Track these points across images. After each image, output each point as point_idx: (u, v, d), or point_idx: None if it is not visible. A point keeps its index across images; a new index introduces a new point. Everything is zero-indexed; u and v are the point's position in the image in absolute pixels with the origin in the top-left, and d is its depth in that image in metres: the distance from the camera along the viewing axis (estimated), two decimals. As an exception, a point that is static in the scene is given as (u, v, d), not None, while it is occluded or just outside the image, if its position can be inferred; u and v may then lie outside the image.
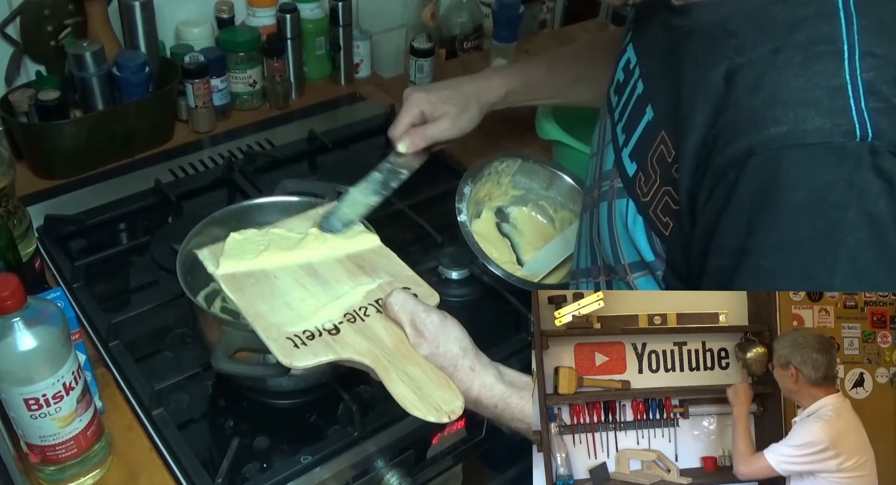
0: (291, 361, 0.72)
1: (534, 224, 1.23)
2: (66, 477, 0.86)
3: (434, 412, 0.69)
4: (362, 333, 0.75)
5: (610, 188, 0.80)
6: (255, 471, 0.88)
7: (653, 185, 0.72)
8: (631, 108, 0.79)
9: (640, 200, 0.74)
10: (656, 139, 0.72)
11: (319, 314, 0.77)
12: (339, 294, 0.80)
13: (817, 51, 0.59)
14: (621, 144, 0.79)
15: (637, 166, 0.75)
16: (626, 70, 0.83)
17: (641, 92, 0.77)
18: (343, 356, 0.73)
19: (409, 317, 0.74)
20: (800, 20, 0.61)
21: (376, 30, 1.59)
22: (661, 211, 0.71)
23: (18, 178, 1.04)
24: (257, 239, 0.86)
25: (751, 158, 0.59)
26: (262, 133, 1.40)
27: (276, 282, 0.82)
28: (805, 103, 0.58)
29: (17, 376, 0.76)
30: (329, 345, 0.74)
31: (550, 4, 1.88)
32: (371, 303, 0.79)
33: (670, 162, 0.69)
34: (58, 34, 1.27)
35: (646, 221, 0.74)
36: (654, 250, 0.73)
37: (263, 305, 0.78)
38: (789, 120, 0.57)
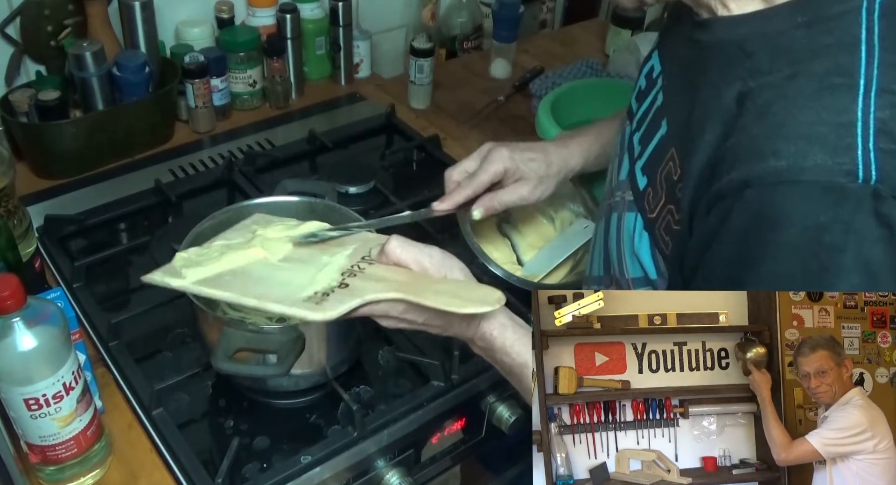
0: (325, 314, 0.69)
1: (534, 224, 1.23)
2: (66, 477, 0.86)
3: (482, 305, 0.70)
4: (370, 279, 0.75)
5: (621, 200, 0.79)
6: (255, 471, 0.88)
7: (659, 201, 0.71)
8: (649, 119, 0.77)
9: (647, 215, 0.73)
10: (666, 155, 0.71)
11: (318, 280, 0.76)
12: (323, 264, 0.79)
13: (832, 83, 0.57)
14: (636, 156, 0.78)
15: (647, 181, 0.74)
16: (648, 78, 0.81)
17: (660, 104, 0.76)
18: (367, 298, 0.71)
19: (413, 255, 0.75)
20: (820, 48, 0.59)
21: (376, 30, 1.59)
22: (664, 229, 0.70)
23: (18, 178, 1.04)
24: (205, 252, 0.82)
25: (746, 190, 0.57)
26: (262, 133, 1.40)
27: (254, 272, 0.78)
28: (809, 138, 0.56)
29: (17, 376, 0.76)
30: (349, 294, 0.72)
31: (550, 4, 1.88)
32: (359, 261, 0.79)
33: (676, 180, 0.68)
34: (58, 34, 1.27)
35: (651, 238, 0.73)
36: (658, 269, 0.73)
37: (259, 288, 0.75)
38: (790, 154, 0.56)
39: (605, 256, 0.86)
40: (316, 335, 0.87)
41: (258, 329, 0.84)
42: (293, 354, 0.82)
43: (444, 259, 0.76)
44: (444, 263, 0.76)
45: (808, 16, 0.60)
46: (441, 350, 1.01)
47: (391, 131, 1.45)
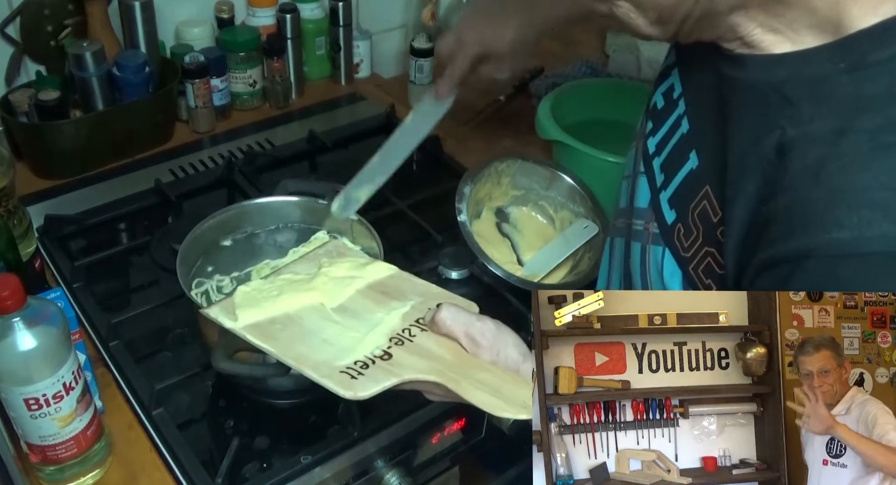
0: (356, 393, 0.67)
1: (534, 224, 1.23)
2: (66, 477, 0.86)
3: (523, 410, 0.67)
4: (416, 352, 0.71)
5: (645, 230, 0.77)
6: (255, 471, 0.88)
7: (694, 241, 0.69)
8: (673, 146, 0.74)
9: (679, 253, 0.71)
10: (699, 192, 0.68)
11: (363, 344, 0.73)
12: (375, 322, 0.76)
13: (886, 141, 0.54)
14: (659, 185, 0.75)
15: (676, 216, 0.72)
16: (667, 97, 0.78)
17: (687, 133, 0.72)
18: (406, 378, 0.69)
19: (464, 328, 0.71)
20: (867, 99, 0.55)
21: (376, 30, 1.59)
22: (703, 272, 0.68)
23: (18, 178, 1.04)
24: (266, 287, 0.80)
25: (807, 261, 0.54)
26: (262, 133, 1.40)
27: (304, 322, 0.75)
28: (871, 205, 0.53)
29: (18, 376, 0.76)
30: (387, 370, 0.69)
31: (550, 4, 1.87)
32: (412, 324, 0.75)
33: (715, 223, 0.65)
34: (58, 34, 1.27)
35: (685, 278, 0.71)
36: None
37: (302, 347, 0.73)
38: (852, 224, 0.53)
39: (625, 275, 0.84)
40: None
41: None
42: (293, 354, 0.82)
43: (499, 334, 0.71)
44: (497, 339, 0.71)
45: (847, 61, 0.57)
46: (441, 350, 1.01)
47: (391, 131, 1.44)
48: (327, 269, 0.83)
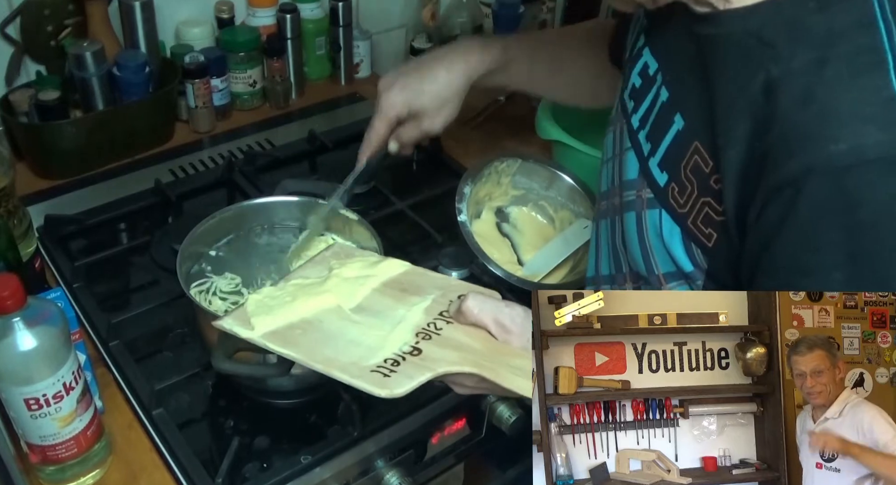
0: (392, 391, 0.65)
1: (534, 224, 1.23)
2: (66, 477, 0.86)
3: None
4: (445, 345, 0.71)
5: (637, 198, 0.79)
6: (255, 471, 0.88)
7: (689, 196, 0.71)
8: (655, 115, 0.77)
9: (675, 211, 0.73)
10: (689, 149, 0.71)
11: (390, 342, 0.71)
12: (398, 319, 0.74)
13: (862, 62, 0.59)
14: (647, 153, 0.77)
15: (669, 177, 0.74)
16: (643, 75, 0.81)
17: (667, 100, 0.75)
18: (439, 371, 0.68)
19: (492, 315, 0.72)
20: (839, 31, 0.60)
21: (376, 30, 1.59)
22: (701, 222, 0.70)
23: (18, 178, 1.04)
24: (278, 293, 0.78)
25: (810, 177, 0.58)
26: (262, 133, 1.40)
27: (324, 325, 0.74)
28: (862, 119, 0.57)
29: (18, 376, 0.76)
30: (419, 365, 0.68)
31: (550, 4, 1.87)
32: (436, 318, 0.74)
33: (708, 173, 0.68)
34: (58, 34, 1.27)
35: (684, 232, 0.73)
36: (693, 261, 0.73)
37: (327, 350, 0.71)
38: (847, 136, 0.57)
39: (615, 255, 0.86)
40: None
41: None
42: (293, 354, 0.82)
43: (527, 319, 0.72)
44: (527, 323, 0.71)
45: (816, 1, 0.61)
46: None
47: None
48: (338, 270, 0.81)
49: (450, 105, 1.06)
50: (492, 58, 1.06)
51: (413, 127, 1.07)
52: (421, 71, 1.06)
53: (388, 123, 1.06)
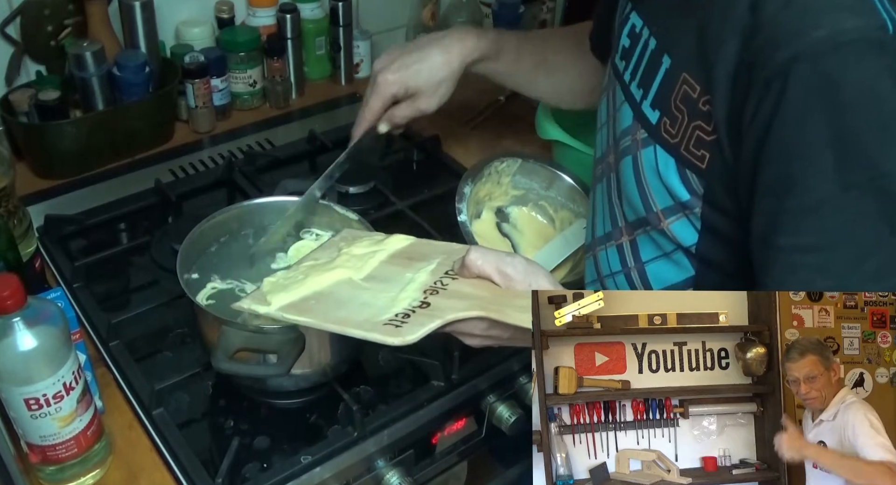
0: (404, 339, 0.70)
1: (534, 224, 1.23)
2: (66, 477, 0.86)
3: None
4: (453, 296, 0.75)
5: (632, 142, 0.81)
6: (255, 471, 0.88)
7: (680, 124, 0.74)
8: (645, 64, 0.80)
9: (668, 142, 0.76)
10: (678, 82, 0.73)
11: (399, 300, 0.76)
12: (406, 282, 0.79)
13: None
14: (639, 99, 0.80)
15: (660, 113, 0.76)
16: (631, 36, 0.84)
17: (655, 47, 0.78)
18: (448, 318, 0.72)
19: (494, 265, 0.75)
20: None
21: (376, 30, 1.59)
22: (693, 146, 0.73)
23: (18, 178, 1.04)
24: (291, 274, 0.84)
25: (795, 64, 0.61)
26: (262, 133, 1.40)
27: (337, 294, 0.79)
28: (839, 8, 0.61)
29: (18, 376, 0.76)
30: (429, 315, 0.72)
31: (550, 4, 1.87)
32: (441, 277, 0.78)
33: (696, 97, 0.71)
34: (58, 34, 1.27)
35: (678, 161, 0.75)
36: (689, 188, 0.75)
37: (340, 312, 0.76)
38: (827, 23, 0.61)
39: (610, 212, 0.88)
40: (316, 335, 0.87)
41: (258, 329, 0.84)
42: (293, 354, 0.82)
43: (529, 267, 0.76)
44: (528, 271, 0.75)
45: None
46: (441, 350, 1.01)
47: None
48: (347, 249, 0.86)
49: (445, 85, 1.08)
50: (486, 44, 1.09)
51: (408, 106, 1.08)
52: (417, 52, 1.08)
53: (384, 101, 1.07)
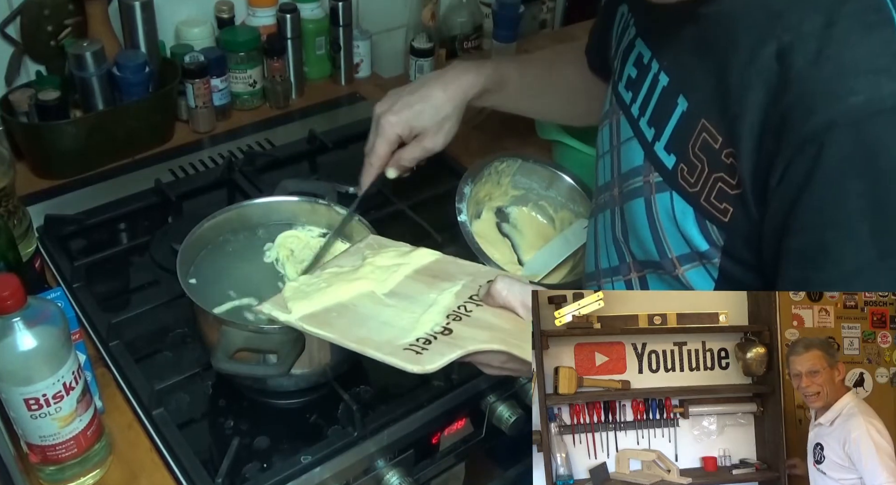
0: (423, 367, 0.69)
1: (534, 224, 1.23)
2: (66, 477, 0.86)
3: None
4: (475, 325, 0.74)
5: (645, 184, 0.80)
6: (255, 471, 0.88)
7: (700, 174, 0.72)
8: (656, 101, 0.78)
9: (686, 191, 0.74)
10: (696, 128, 0.72)
11: (421, 323, 0.75)
12: (430, 303, 0.78)
13: (870, 20, 0.61)
14: (651, 139, 0.79)
15: (676, 158, 0.75)
16: (638, 65, 0.82)
17: (668, 84, 0.77)
18: (469, 349, 0.72)
19: (520, 298, 0.75)
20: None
21: (376, 30, 1.59)
22: (715, 198, 0.72)
23: (18, 178, 1.04)
24: (314, 281, 0.82)
25: (832, 131, 0.60)
26: (262, 133, 1.40)
27: (359, 309, 0.78)
28: (876, 71, 0.59)
29: (18, 376, 0.76)
30: (450, 343, 0.72)
31: (550, 4, 1.88)
32: (466, 301, 0.78)
33: (717, 148, 0.70)
34: (58, 34, 1.27)
35: (697, 211, 0.74)
36: (708, 239, 0.74)
37: (361, 330, 0.75)
38: (864, 88, 0.59)
39: (615, 247, 0.87)
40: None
41: (258, 329, 0.84)
42: (293, 354, 0.82)
43: None
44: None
45: None
46: (441, 350, 1.01)
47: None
48: (372, 259, 0.85)
49: (449, 122, 1.07)
50: (485, 77, 1.08)
51: (415, 147, 1.07)
52: (418, 91, 1.07)
53: (390, 144, 1.06)
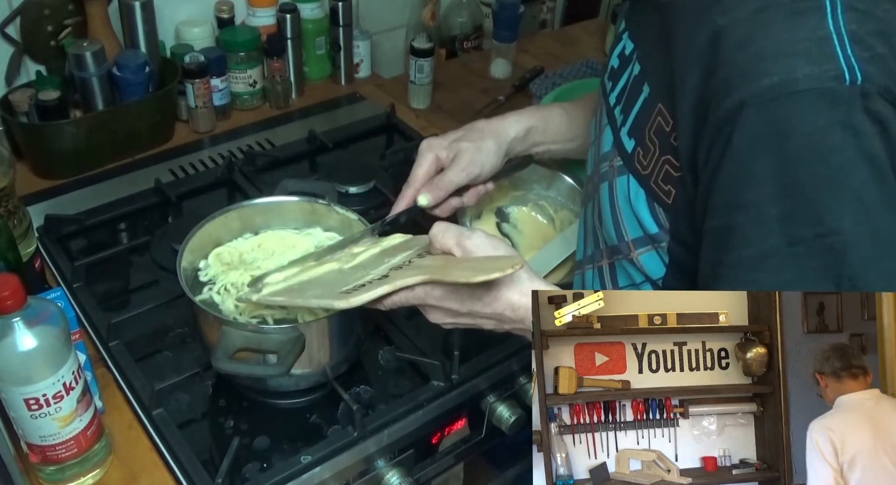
0: (348, 302, 0.73)
1: (534, 224, 1.23)
2: (66, 477, 0.86)
3: (501, 270, 0.70)
4: (412, 268, 0.77)
5: (609, 168, 0.81)
6: (255, 471, 0.88)
7: (652, 156, 0.73)
8: (629, 89, 0.80)
9: (640, 173, 0.75)
10: (653, 113, 0.73)
11: (367, 277, 0.79)
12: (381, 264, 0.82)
13: (800, 7, 0.60)
14: (619, 124, 0.80)
15: (635, 142, 0.76)
16: (621, 57, 0.84)
17: (638, 73, 0.78)
18: (397, 284, 0.74)
19: (455, 239, 0.77)
20: None
21: (376, 30, 1.59)
22: (661, 180, 0.72)
23: (18, 178, 1.04)
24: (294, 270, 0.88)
25: (743, 110, 0.60)
26: (262, 133, 1.40)
27: (322, 279, 0.84)
28: (793, 54, 0.59)
29: (18, 376, 0.76)
30: (380, 283, 0.75)
31: (550, 4, 1.88)
32: (414, 258, 0.81)
33: (668, 131, 0.70)
34: (58, 34, 1.27)
35: (648, 193, 0.74)
36: (657, 222, 0.74)
37: (315, 292, 0.80)
38: (779, 70, 0.59)
39: (594, 234, 0.88)
40: (316, 335, 0.87)
41: (258, 329, 0.84)
42: (293, 354, 0.82)
43: (488, 241, 0.77)
44: (489, 243, 0.76)
45: None
46: (441, 350, 1.01)
47: (391, 131, 1.45)
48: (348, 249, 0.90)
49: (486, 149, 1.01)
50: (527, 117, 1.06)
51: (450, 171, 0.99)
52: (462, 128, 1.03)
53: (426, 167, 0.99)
